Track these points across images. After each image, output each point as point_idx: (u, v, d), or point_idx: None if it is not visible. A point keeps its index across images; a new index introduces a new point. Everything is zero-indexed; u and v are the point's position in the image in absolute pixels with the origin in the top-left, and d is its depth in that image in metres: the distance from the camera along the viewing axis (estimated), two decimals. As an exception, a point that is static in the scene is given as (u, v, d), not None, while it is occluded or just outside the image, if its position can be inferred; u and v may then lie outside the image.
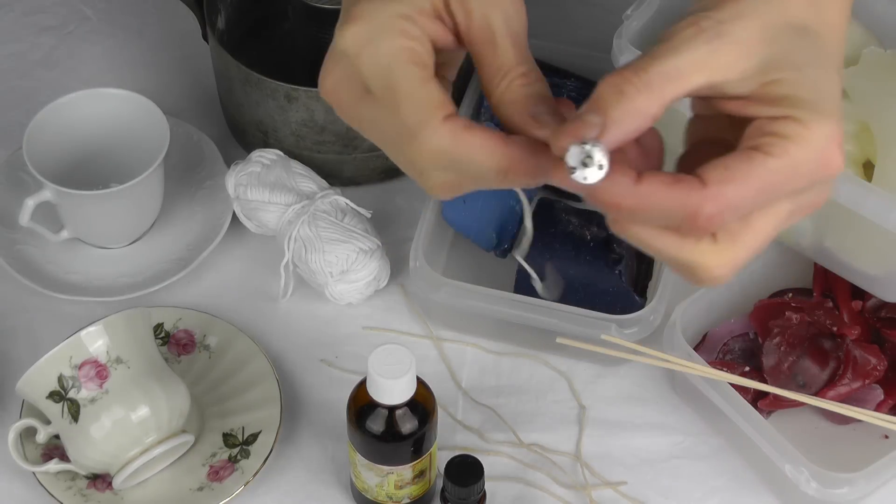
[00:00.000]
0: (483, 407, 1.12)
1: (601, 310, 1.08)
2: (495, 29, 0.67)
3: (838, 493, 1.00)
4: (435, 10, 0.68)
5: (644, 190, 0.62)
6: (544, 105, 0.67)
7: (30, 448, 1.06)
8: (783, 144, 0.63)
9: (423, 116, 0.66)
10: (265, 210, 1.15)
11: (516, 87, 0.67)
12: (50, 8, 1.38)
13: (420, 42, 0.67)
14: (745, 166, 0.63)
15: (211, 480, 1.06)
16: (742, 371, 1.09)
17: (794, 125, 0.63)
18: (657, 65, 0.63)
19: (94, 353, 1.01)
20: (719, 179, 0.62)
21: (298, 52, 1.25)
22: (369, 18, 0.67)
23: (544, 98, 0.67)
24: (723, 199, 0.62)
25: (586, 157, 0.62)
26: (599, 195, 0.63)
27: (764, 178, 0.63)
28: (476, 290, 1.10)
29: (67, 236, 1.18)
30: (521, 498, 1.07)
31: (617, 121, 0.62)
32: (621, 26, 1.10)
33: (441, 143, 0.66)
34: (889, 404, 1.08)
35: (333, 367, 1.14)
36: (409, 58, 0.67)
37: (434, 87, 0.67)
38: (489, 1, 0.67)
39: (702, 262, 0.65)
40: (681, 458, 1.10)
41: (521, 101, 0.67)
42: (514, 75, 0.67)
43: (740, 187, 0.63)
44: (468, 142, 0.66)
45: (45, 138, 1.16)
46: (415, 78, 0.67)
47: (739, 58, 0.64)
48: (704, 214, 0.62)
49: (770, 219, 0.65)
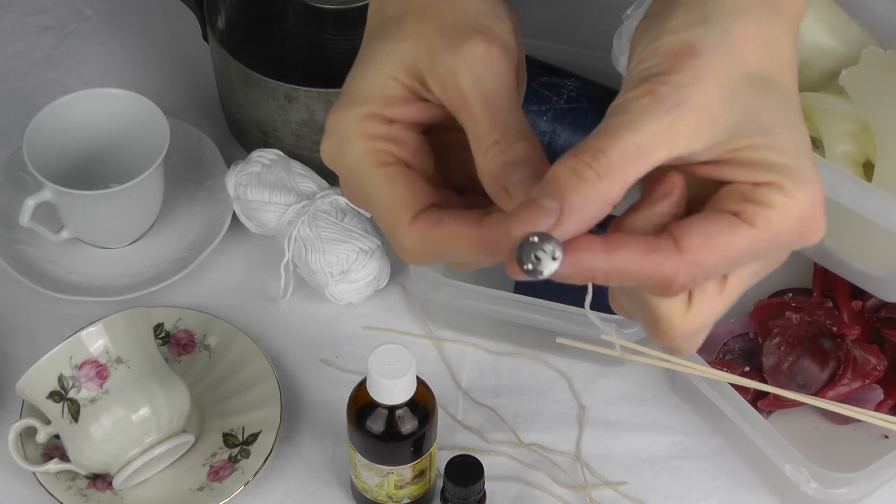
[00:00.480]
0: (483, 407, 1.12)
1: (601, 310, 1.08)
2: (468, 98, 0.64)
3: (838, 493, 1.00)
4: (413, 93, 0.66)
5: (616, 262, 0.59)
6: (520, 171, 0.62)
7: (30, 448, 1.06)
8: (766, 214, 0.60)
9: (392, 220, 0.64)
10: (265, 210, 1.15)
11: (490, 157, 0.63)
12: (50, 8, 1.38)
13: (386, 139, 0.65)
14: (726, 236, 0.59)
15: (211, 480, 1.06)
16: (742, 371, 1.09)
17: (776, 194, 0.60)
18: (617, 144, 0.59)
19: (95, 353, 1.01)
20: (698, 247, 0.59)
21: (298, 52, 1.25)
22: (335, 129, 0.66)
23: (522, 162, 0.62)
24: (699, 267, 0.59)
25: (539, 251, 0.58)
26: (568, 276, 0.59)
27: (744, 248, 0.60)
28: (476, 290, 1.10)
29: (67, 236, 1.18)
30: (521, 498, 1.08)
31: (576, 208, 0.58)
32: (621, 26, 1.10)
33: (414, 244, 0.64)
34: (889, 404, 1.08)
35: (333, 367, 1.14)
36: (373, 160, 0.65)
37: (401, 185, 0.64)
38: (457, 65, 0.64)
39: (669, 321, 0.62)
40: (681, 458, 1.10)
41: (495, 174, 0.63)
42: (488, 144, 0.63)
43: (719, 257, 0.60)
44: (439, 236, 0.63)
45: (45, 138, 1.16)
46: (379, 181, 0.64)
47: (703, 125, 0.60)
48: (679, 282, 0.59)
49: (741, 281, 0.63)
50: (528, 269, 0.58)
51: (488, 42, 0.64)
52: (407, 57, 0.65)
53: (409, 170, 0.65)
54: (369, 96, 0.65)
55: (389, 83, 0.65)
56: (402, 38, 0.66)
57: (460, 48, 0.64)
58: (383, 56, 0.66)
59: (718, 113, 0.60)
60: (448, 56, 0.64)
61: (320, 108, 1.17)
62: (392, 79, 0.65)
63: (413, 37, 0.66)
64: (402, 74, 0.65)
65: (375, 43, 0.67)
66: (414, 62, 0.65)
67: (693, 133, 0.60)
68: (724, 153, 0.61)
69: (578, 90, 1.19)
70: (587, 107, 1.18)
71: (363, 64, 0.67)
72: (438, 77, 0.64)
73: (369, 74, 0.66)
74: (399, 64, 0.65)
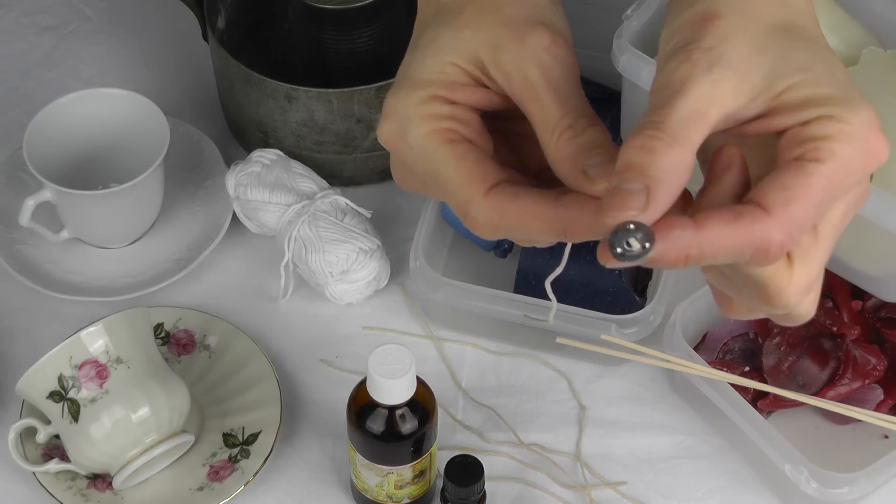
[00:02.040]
0: (483, 407, 1.12)
1: (601, 310, 1.08)
2: (535, 85, 0.65)
3: (838, 493, 1.00)
4: (473, 79, 0.67)
5: (707, 236, 0.59)
6: (596, 155, 0.63)
7: (30, 448, 1.06)
8: (829, 146, 0.60)
9: (465, 195, 0.65)
10: (265, 210, 1.15)
11: (563, 142, 0.64)
12: (50, 8, 1.38)
13: (452, 118, 0.66)
14: (801, 181, 0.60)
15: (211, 480, 1.06)
16: (742, 371, 1.09)
17: (831, 123, 0.60)
18: (672, 113, 0.60)
19: (94, 353, 1.01)
20: (782, 201, 0.59)
21: (298, 52, 1.25)
22: (396, 112, 0.67)
23: (596, 146, 0.64)
24: (790, 221, 0.59)
25: (631, 238, 0.58)
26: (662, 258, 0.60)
27: (823, 186, 0.60)
28: (476, 290, 1.10)
29: (67, 236, 1.18)
30: (521, 498, 1.08)
31: (660, 179, 0.59)
32: (621, 26, 1.10)
33: (487, 216, 0.65)
34: (889, 404, 1.08)
35: (333, 367, 1.14)
36: (440, 139, 0.66)
37: (471, 161, 0.65)
38: (523, 55, 0.65)
39: (777, 285, 0.62)
40: (681, 458, 1.10)
41: (571, 158, 0.64)
42: (560, 129, 0.64)
43: (804, 204, 0.60)
44: (514, 211, 0.64)
45: (45, 138, 1.16)
46: (449, 158, 0.65)
47: (742, 79, 0.61)
48: (776, 243, 0.59)
49: (832, 225, 0.63)
50: (619, 254, 0.59)
51: (553, 34, 0.66)
52: (468, 45, 0.66)
53: (477, 147, 0.66)
54: (431, 80, 0.66)
55: (450, 68, 0.66)
56: (463, 27, 0.67)
57: (526, 39, 0.66)
58: (443, 43, 0.67)
59: (752, 64, 0.62)
60: (514, 46, 0.66)
61: (320, 108, 1.17)
62: (453, 65, 0.66)
63: (474, 26, 0.67)
64: (462, 61, 0.66)
65: (433, 30, 0.68)
66: (475, 50, 0.66)
67: (735, 88, 0.61)
68: (767, 102, 0.62)
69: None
70: (587, 107, 1.18)
71: (421, 50, 0.68)
72: (502, 66, 0.66)
73: (429, 60, 0.67)
74: (460, 51, 0.66)
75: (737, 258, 0.60)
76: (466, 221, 0.66)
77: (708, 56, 0.61)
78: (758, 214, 0.60)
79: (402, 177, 0.69)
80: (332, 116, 1.17)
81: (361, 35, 1.21)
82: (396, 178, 0.70)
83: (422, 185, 0.68)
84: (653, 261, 0.59)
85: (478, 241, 1.17)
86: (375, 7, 1.20)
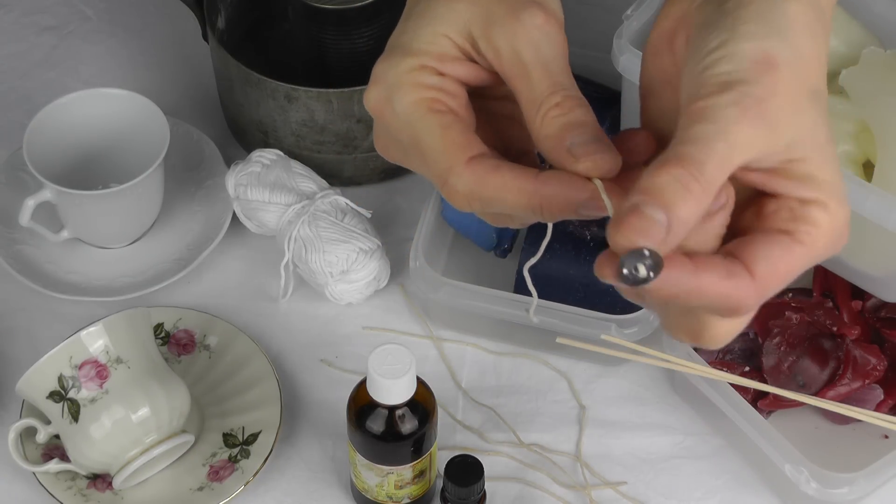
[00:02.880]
0: (483, 407, 1.12)
1: (601, 310, 1.08)
2: (525, 62, 0.66)
3: (838, 493, 1.00)
4: (463, 53, 0.67)
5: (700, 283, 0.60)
6: (581, 135, 0.64)
7: (30, 448, 1.06)
8: (815, 234, 0.62)
9: (446, 163, 0.65)
10: (265, 210, 1.15)
11: (550, 118, 0.65)
12: (50, 8, 1.38)
13: (439, 89, 0.67)
14: (787, 259, 0.62)
15: (211, 480, 1.06)
16: (742, 371, 1.09)
17: (821, 213, 0.62)
18: (714, 155, 0.60)
19: (94, 353, 1.01)
20: (767, 273, 0.61)
21: (298, 52, 1.25)
22: (384, 78, 0.67)
23: (582, 125, 0.64)
24: (766, 291, 0.62)
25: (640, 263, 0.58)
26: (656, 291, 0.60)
27: (797, 266, 0.62)
28: (476, 290, 1.10)
29: (67, 236, 1.18)
30: (521, 498, 1.08)
31: (684, 221, 0.59)
32: (621, 26, 1.10)
33: (466, 186, 0.65)
34: (889, 404, 1.08)
35: (333, 367, 1.14)
36: (426, 108, 0.66)
37: (455, 131, 0.66)
38: (515, 32, 0.66)
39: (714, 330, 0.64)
40: (681, 458, 1.10)
41: (556, 135, 0.65)
42: (548, 106, 0.65)
43: (781, 280, 0.62)
44: (494, 182, 0.65)
45: (45, 138, 1.16)
46: (434, 126, 0.66)
47: (774, 138, 0.62)
48: (748, 307, 0.61)
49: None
50: (624, 275, 0.59)
51: (545, 13, 0.66)
52: (461, 18, 0.67)
53: (461, 119, 0.67)
54: (422, 50, 0.67)
55: (442, 40, 0.67)
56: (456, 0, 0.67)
57: (519, 16, 0.66)
58: (436, 15, 0.67)
59: (786, 125, 0.62)
60: (507, 22, 0.66)
61: (320, 108, 1.17)
62: (445, 37, 0.67)
63: (468, 0, 0.67)
64: (454, 34, 0.67)
65: (427, 1, 0.68)
66: (467, 24, 0.67)
67: (764, 144, 0.61)
68: (778, 163, 0.62)
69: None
70: (587, 107, 1.18)
71: (413, 20, 0.68)
72: (494, 42, 0.66)
73: (421, 30, 0.67)
74: (452, 24, 0.67)
75: (709, 306, 0.62)
76: (444, 190, 0.66)
77: (757, 107, 0.61)
78: (745, 278, 0.61)
79: (384, 144, 0.70)
80: (332, 116, 1.17)
81: (361, 35, 1.21)
82: (378, 146, 0.70)
83: (403, 153, 0.69)
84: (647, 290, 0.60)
85: (478, 240, 1.17)
86: (375, 7, 1.20)
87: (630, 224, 0.59)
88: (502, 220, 0.68)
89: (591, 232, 1.12)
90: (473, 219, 1.16)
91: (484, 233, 1.16)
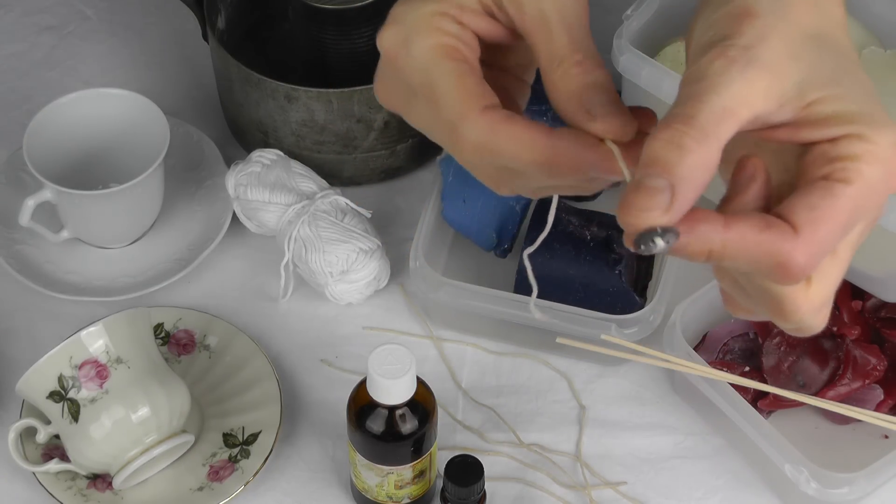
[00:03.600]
0: (483, 407, 1.12)
1: (601, 310, 1.08)
2: (549, 19, 0.65)
3: (838, 493, 1.00)
4: (484, 7, 0.67)
5: (733, 236, 0.59)
6: (600, 96, 0.64)
7: (30, 448, 1.06)
8: (856, 167, 0.59)
9: (460, 110, 0.65)
10: (265, 210, 1.15)
11: (571, 75, 0.64)
12: (50, 8, 1.38)
13: (458, 38, 0.66)
14: (829, 202, 0.59)
15: (211, 480, 1.06)
16: (742, 371, 1.09)
17: (858, 143, 0.60)
18: (704, 107, 0.59)
19: (94, 353, 1.01)
20: (809, 222, 0.59)
21: (298, 52, 1.25)
22: (403, 20, 0.67)
23: (602, 88, 0.64)
24: (815, 244, 0.59)
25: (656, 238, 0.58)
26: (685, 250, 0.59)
27: (848, 208, 0.59)
28: (476, 290, 1.10)
29: (67, 236, 1.18)
30: (521, 498, 1.08)
31: (685, 177, 0.58)
32: (621, 26, 1.10)
33: (478, 135, 0.64)
34: (889, 404, 1.08)
35: (333, 367, 1.14)
36: (444, 54, 0.66)
37: (471, 80, 0.65)
38: None
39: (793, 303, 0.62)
40: (681, 458, 1.10)
41: (575, 92, 0.64)
42: (570, 63, 0.65)
43: (830, 228, 0.59)
44: (506, 133, 0.64)
45: (45, 138, 1.16)
46: (450, 73, 0.65)
47: (774, 83, 0.61)
48: (799, 265, 0.59)
49: (850, 245, 0.63)
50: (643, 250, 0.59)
51: None
52: None
53: (477, 70, 0.66)
54: None
55: None
56: None
57: None
58: None
59: (786, 70, 0.61)
60: None
61: (320, 108, 1.17)
62: None
63: None
64: None
65: None
66: None
67: (766, 91, 0.61)
68: (797, 111, 0.61)
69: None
70: (587, 107, 1.18)
71: None
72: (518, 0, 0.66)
73: None
74: None
75: (756, 268, 0.60)
76: (453, 138, 0.65)
77: (745, 54, 0.61)
78: (786, 231, 0.59)
79: (386, 88, 0.69)
80: (332, 116, 1.17)
81: (361, 35, 1.21)
82: (379, 89, 0.69)
83: (406, 99, 0.68)
84: (675, 251, 0.59)
85: (478, 240, 1.17)
86: (375, 7, 1.20)
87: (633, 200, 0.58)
88: (507, 178, 0.67)
89: (591, 232, 1.12)
90: (473, 219, 1.16)
91: (484, 233, 1.16)
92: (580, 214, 1.13)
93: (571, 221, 1.12)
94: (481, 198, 1.15)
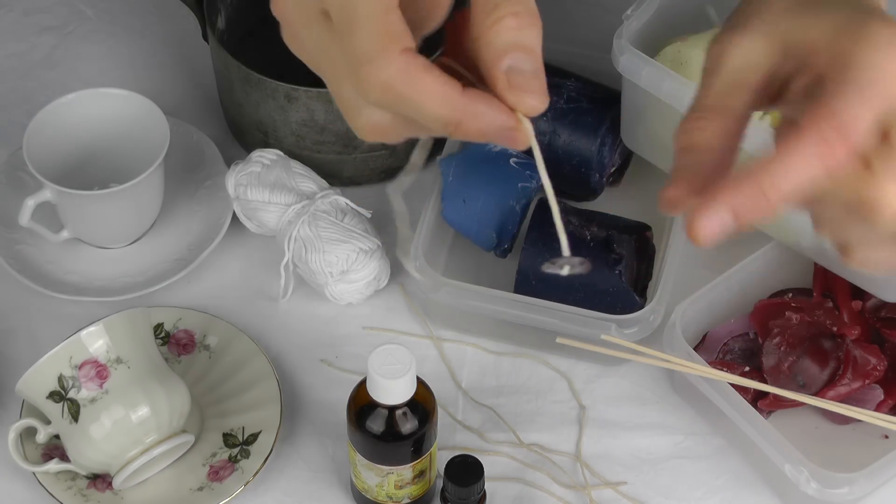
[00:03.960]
0: (483, 407, 1.12)
1: (601, 310, 1.08)
2: None
3: (838, 493, 1.00)
4: None
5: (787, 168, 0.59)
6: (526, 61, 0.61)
7: (30, 448, 1.06)
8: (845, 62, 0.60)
9: (379, 45, 0.61)
10: (265, 210, 1.15)
11: (504, 27, 0.61)
12: (50, 8, 1.38)
13: None
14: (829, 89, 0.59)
15: (211, 480, 1.06)
16: (742, 371, 1.09)
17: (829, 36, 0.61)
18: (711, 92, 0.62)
19: (94, 353, 1.01)
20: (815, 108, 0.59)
21: (298, 52, 1.25)
22: None
23: (530, 52, 0.61)
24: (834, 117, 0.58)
25: None
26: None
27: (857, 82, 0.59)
28: (476, 290, 1.10)
29: (67, 236, 1.18)
30: (521, 498, 1.08)
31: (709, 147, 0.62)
32: (621, 26, 1.10)
33: (392, 76, 0.61)
34: (889, 404, 1.08)
35: (333, 367, 1.14)
36: None
37: (396, 18, 0.61)
38: None
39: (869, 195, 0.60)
40: (681, 458, 1.10)
41: (503, 48, 0.61)
42: (505, 12, 0.61)
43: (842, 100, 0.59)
44: (421, 82, 0.60)
45: (45, 138, 1.16)
46: (377, 7, 0.61)
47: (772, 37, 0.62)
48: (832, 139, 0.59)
49: None
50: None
51: None
52: None
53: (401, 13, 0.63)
54: None
55: None
56: None
57: None
58: None
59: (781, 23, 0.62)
60: None
61: (320, 108, 1.17)
62: None
63: None
64: None
65: None
66: None
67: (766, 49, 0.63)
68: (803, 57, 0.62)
69: (578, 90, 1.19)
70: (587, 107, 1.18)
71: None
72: None
73: None
74: None
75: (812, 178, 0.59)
76: (362, 72, 0.61)
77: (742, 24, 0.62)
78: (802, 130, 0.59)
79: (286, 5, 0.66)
80: (332, 116, 1.17)
81: (361, 35, 1.21)
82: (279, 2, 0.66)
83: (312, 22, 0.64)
84: None
85: (478, 240, 1.17)
86: (375, 7, 1.20)
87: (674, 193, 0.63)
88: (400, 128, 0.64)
89: (591, 232, 1.11)
90: (473, 219, 1.16)
91: (484, 233, 1.16)
92: (580, 214, 1.13)
93: (571, 221, 1.12)
94: (481, 198, 1.15)
